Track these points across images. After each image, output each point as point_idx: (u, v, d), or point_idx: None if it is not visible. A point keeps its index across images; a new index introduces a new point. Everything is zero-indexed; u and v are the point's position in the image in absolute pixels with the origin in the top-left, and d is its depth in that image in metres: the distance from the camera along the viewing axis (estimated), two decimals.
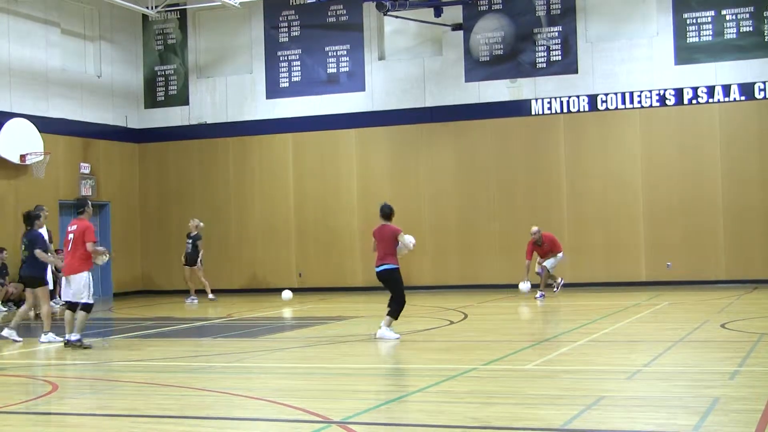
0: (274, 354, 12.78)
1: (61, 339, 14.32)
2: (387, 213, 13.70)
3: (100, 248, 14.26)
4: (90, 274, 13.70)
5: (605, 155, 23.20)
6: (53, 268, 20.24)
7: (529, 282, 20.40)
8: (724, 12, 22.41)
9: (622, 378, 9.73)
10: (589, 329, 14.15)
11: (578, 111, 23.32)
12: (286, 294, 21.57)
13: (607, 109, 23.15)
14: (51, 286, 19.49)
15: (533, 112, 23.62)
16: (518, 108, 23.71)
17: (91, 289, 13.67)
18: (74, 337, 13.43)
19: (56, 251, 22.83)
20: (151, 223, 26.59)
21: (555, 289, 20.58)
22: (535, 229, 20.23)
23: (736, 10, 22.33)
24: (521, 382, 9.90)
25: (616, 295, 20.48)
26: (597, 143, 23.27)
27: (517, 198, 23.64)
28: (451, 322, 15.90)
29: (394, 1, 22.57)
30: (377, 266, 13.53)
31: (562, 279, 20.89)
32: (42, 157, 22.56)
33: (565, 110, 23.40)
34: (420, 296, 21.58)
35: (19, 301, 21.87)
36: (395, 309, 13.48)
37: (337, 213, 25.05)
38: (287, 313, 19.47)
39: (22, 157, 22.33)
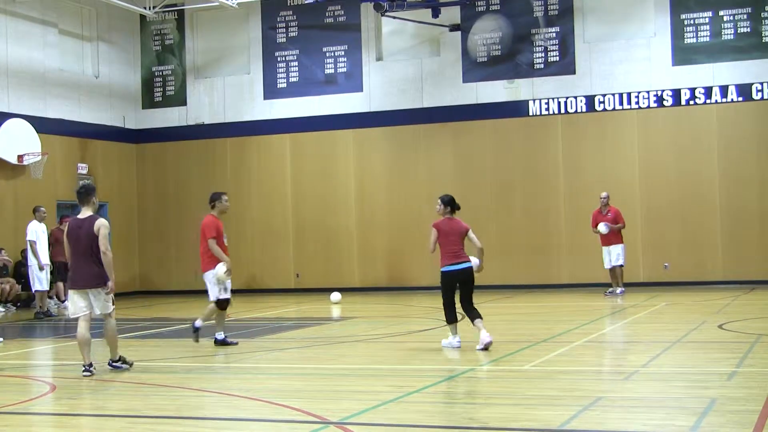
0: (272, 354, 12.78)
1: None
2: (456, 206, 12.79)
3: (214, 246, 13.18)
4: (215, 271, 13.21)
5: (603, 156, 23.21)
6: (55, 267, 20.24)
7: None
8: (721, 13, 22.43)
9: (619, 379, 9.74)
10: (587, 330, 14.16)
11: (576, 112, 23.33)
12: (335, 296, 21.31)
13: (604, 109, 23.17)
14: (45, 287, 19.46)
15: (531, 113, 23.63)
16: (516, 109, 23.72)
17: (218, 286, 13.16)
18: (220, 335, 13.22)
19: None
20: (148, 223, 26.58)
21: (608, 292, 20.50)
22: (604, 194, 20.56)
23: (734, 11, 22.35)
24: (519, 383, 9.90)
25: (614, 296, 20.46)
26: (595, 144, 23.28)
27: (515, 198, 23.64)
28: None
29: (392, 1, 22.58)
30: (462, 262, 12.31)
31: (623, 290, 20.70)
32: (40, 157, 22.54)
33: (562, 111, 23.41)
34: (418, 297, 21.60)
35: (16, 302, 21.86)
36: (478, 311, 12.34)
37: (335, 213, 25.05)
38: (285, 313, 19.47)
39: (20, 157, 22.31)
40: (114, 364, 11.25)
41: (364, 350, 12.73)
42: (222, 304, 13.33)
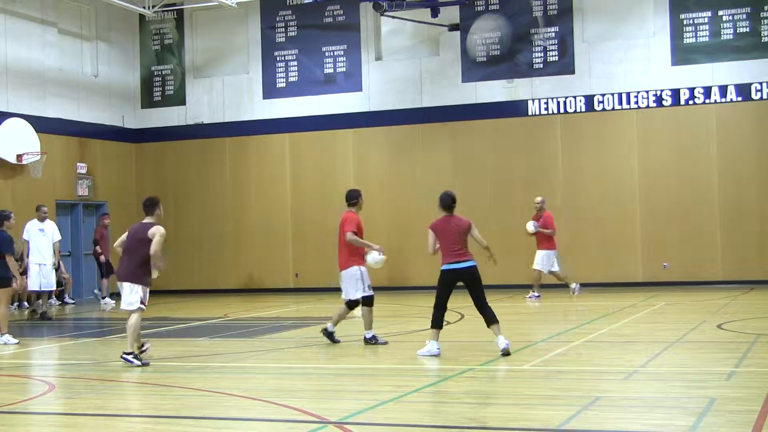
0: (271, 354, 12.78)
1: (16, 341, 14.32)
2: (451, 204, 12.35)
3: (373, 245, 13.23)
4: (360, 268, 13.01)
5: (602, 156, 23.21)
6: (56, 266, 20.18)
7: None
8: (721, 13, 22.43)
9: (618, 378, 9.74)
10: (586, 330, 14.17)
11: (575, 111, 23.34)
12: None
13: (603, 109, 23.17)
14: (37, 288, 19.33)
15: (530, 113, 23.63)
16: (515, 108, 23.72)
17: (364, 283, 12.91)
18: (368, 334, 13.02)
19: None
20: None
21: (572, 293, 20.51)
22: (539, 198, 20.54)
23: (733, 11, 22.35)
24: (518, 383, 9.91)
25: (613, 296, 20.49)
26: (594, 144, 23.29)
27: (514, 198, 23.63)
28: (448, 323, 15.89)
29: (391, 1, 22.57)
30: (463, 261, 11.76)
31: (577, 284, 20.68)
32: (39, 156, 22.53)
33: (561, 111, 23.41)
34: (417, 296, 21.60)
35: (19, 302, 21.83)
36: (493, 313, 11.66)
37: (334, 213, 24.89)
38: (284, 313, 19.46)
39: (19, 156, 22.30)
40: (125, 356, 11.53)
41: (363, 350, 12.72)
42: (352, 304, 13.10)
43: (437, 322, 11.65)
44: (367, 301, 13.00)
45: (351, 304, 13.11)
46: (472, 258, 11.84)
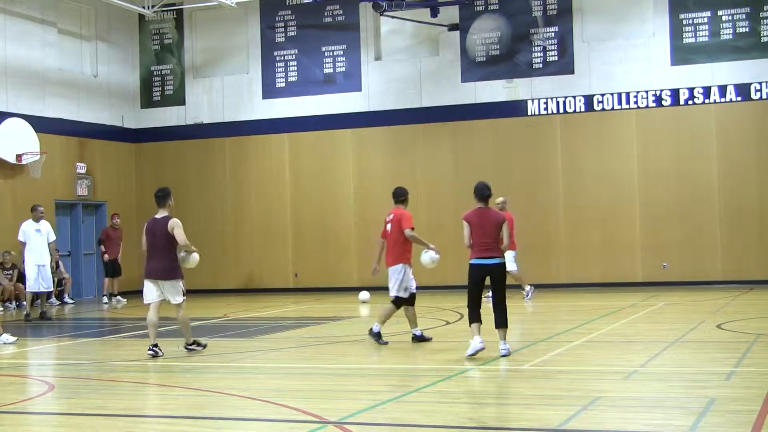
0: (271, 354, 12.78)
1: (15, 339, 14.37)
2: (488, 194, 12.02)
3: (415, 234, 13.24)
4: (406, 266, 13.04)
5: (601, 156, 23.21)
6: (55, 266, 20.18)
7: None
8: (720, 13, 22.43)
9: (618, 378, 9.74)
10: (586, 330, 14.16)
11: (575, 111, 23.34)
12: (364, 295, 20.81)
13: (603, 109, 23.17)
14: (35, 289, 19.28)
15: (530, 113, 23.63)
16: (515, 108, 23.72)
17: (405, 283, 13.02)
18: (417, 331, 13.12)
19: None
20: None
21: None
22: (501, 199, 19.52)
23: (733, 11, 22.36)
24: (518, 383, 9.91)
25: (613, 296, 20.49)
26: (593, 144, 23.29)
27: (514, 198, 23.58)
28: (448, 323, 15.92)
29: (391, 1, 22.57)
30: (488, 257, 11.34)
31: (531, 287, 20.32)
32: (38, 156, 22.51)
33: (561, 111, 23.41)
34: (417, 296, 21.56)
35: (18, 303, 21.82)
36: (505, 317, 11.40)
37: (334, 213, 25.05)
38: (283, 313, 19.47)
39: (19, 156, 22.27)
40: (189, 347, 12.64)
41: (363, 350, 12.73)
42: (399, 302, 13.09)
43: (473, 317, 11.37)
44: (401, 300, 13.08)
45: (400, 302, 13.10)
46: (501, 255, 11.48)
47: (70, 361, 12.57)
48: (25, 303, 19.65)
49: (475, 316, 11.37)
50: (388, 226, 13.25)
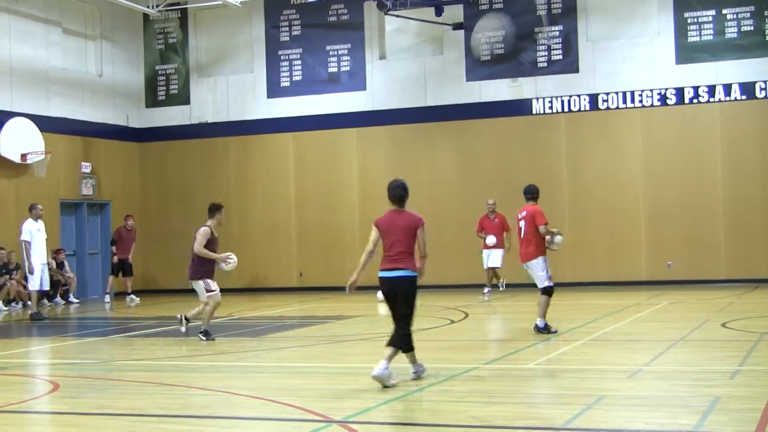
0: (275, 353, 12.79)
1: None
2: (402, 195, 10.43)
3: (554, 230, 13.39)
4: (545, 258, 13.34)
5: (606, 154, 23.19)
6: (51, 265, 20.18)
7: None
8: (725, 11, 22.41)
9: (622, 377, 9.74)
10: (590, 328, 14.16)
11: (579, 110, 23.32)
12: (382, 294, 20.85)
13: (608, 108, 23.15)
14: (38, 287, 19.28)
15: (534, 112, 23.62)
16: (519, 107, 23.71)
17: (548, 272, 13.26)
18: (541, 323, 13.25)
19: (58, 251, 22.93)
20: (151, 222, 26.58)
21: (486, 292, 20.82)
22: (491, 201, 21.20)
23: (737, 9, 22.33)
24: (522, 382, 9.91)
25: (617, 295, 20.47)
26: (598, 142, 23.27)
27: (518, 197, 23.51)
28: (452, 322, 15.91)
29: (395, 0, 22.57)
30: (392, 269, 9.86)
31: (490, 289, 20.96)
32: (43, 156, 22.56)
33: (566, 109, 23.40)
34: (421, 296, 21.53)
35: (24, 302, 21.83)
36: (405, 334, 9.78)
37: (338, 212, 25.05)
38: (288, 312, 19.48)
39: (23, 156, 22.33)
40: (200, 334, 13.68)
41: (367, 349, 12.73)
42: (550, 291, 13.30)
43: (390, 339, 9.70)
44: (546, 291, 13.26)
45: (547, 291, 13.26)
46: (411, 266, 9.89)
47: (75, 361, 12.58)
48: (30, 303, 19.65)
49: (390, 339, 9.72)
50: (521, 222, 13.57)
